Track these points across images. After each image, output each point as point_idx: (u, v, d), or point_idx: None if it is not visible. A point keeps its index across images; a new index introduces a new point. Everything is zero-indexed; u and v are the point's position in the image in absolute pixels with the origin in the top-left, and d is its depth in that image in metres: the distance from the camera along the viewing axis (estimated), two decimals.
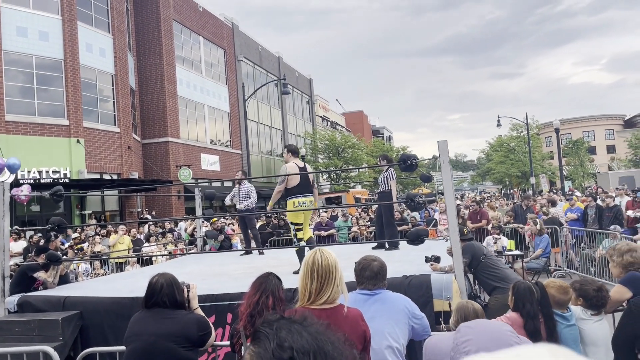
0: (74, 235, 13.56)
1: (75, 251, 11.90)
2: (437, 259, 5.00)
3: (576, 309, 3.70)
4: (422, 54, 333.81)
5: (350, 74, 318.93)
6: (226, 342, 3.57)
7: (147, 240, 13.24)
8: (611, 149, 64.77)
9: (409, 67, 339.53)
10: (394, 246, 7.74)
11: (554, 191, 29.53)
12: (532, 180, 35.80)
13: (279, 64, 38.00)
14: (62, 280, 6.52)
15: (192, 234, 13.02)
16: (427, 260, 5.05)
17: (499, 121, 36.69)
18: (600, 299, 3.66)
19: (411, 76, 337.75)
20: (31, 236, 12.72)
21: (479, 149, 73.76)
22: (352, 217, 15.26)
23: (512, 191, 47.07)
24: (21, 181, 14.23)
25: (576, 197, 16.82)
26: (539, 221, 11.10)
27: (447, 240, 6.35)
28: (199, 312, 3.60)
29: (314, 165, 33.91)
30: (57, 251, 7.32)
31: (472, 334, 2.56)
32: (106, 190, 18.44)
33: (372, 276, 3.15)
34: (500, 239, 10.33)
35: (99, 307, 5.04)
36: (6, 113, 16.75)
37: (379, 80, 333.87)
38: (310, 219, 9.11)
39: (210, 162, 27.18)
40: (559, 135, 28.29)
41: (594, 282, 3.83)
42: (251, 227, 9.58)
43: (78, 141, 18.40)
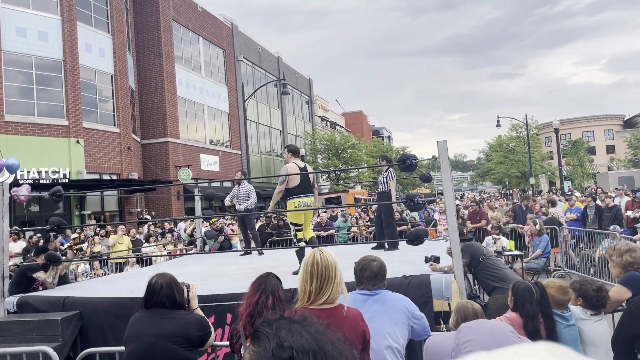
0: (73, 235, 13.56)
1: (75, 251, 11.90)
2: (436, 259, 5.01)
3: (576, 309, 3.70)
4: (421, 54, 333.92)
5: (349, 74, 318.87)
6: (226, 343, 3.57)
7: (146, 241, 13.24)
8: (611, 149, 64.82)
9: (408, 67, 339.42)
10: (393, 246, 7.75)
11: (554, 191, 29.56)
12: (532, 181, 35.81)
13: (278, 64, 38.00)
14: (62, 280, 6.52)
15: (191, 235, 13.02)
16: (427, 261, 5.05)
17: (498, 121, 36.69)
18: (599, 299, 3.66)
19: (411, 76, 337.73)
20: (30, 236, 12.71)
21: (479, 149, 73.66)
22: (352, 218, 15.26)
23: (511, 191, 47.01)
24: (20, 181, 14.21)
25: (576, 197, 16.82)
26: (538, 221, 11.11)
27: (446, 241, 6.36)
28: (198, 312, 3.59)
29: (313, 166, 33.88)
30: (56, 251, 7.31)
31: (473, 334, 2.56)
32: (106, 190, 18.45)
33: (371, 276, 3.15)
34: (499, 239, 10.33)
35: (98, 308, 5.04)
36: (5, 113, 16.75)
37: (378, 81, 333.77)
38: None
39: (209, 163, 27.18)
40: (559, 135, 28.31)
41: (594, 282, 3.83)
42: (250, 228, 9.57)
43: (77, 141, 18.39)
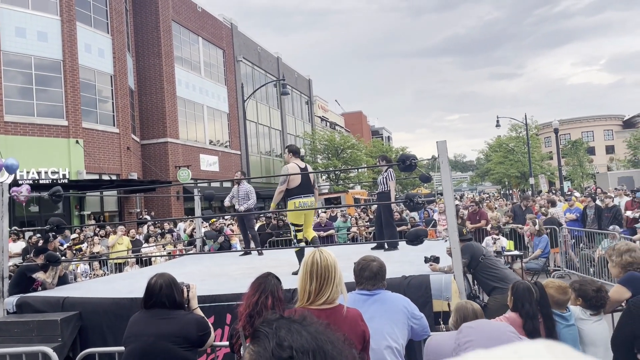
0: (72, 235, 13.55)
1: (74, 252, 11.90)
2: (436, 260, 5.01)
3: (575, 309, 3.70)
4: (421, 54, 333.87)
5: (349, 74, 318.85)
6: (225, 343, 3.57)
7: (146, 241, 13.23)
8: (610, 149, 64.86)
9: (408, 67, 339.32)
10: (393, 246, 7.75)
11: (553, 191, 29.58)
12: (531, 181, 35.79)
13: (278, 64, 37.99)
14: (61, 280, 6.51)
15: (191, 235, 13.01)
16: (427, 261, 5.05)
17: (498, 122, 36.66)
18: (599, 299, 3.66)
19: (410, 76, 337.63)
20: (30, 237, 12.70)
21: (478, 149, 73.14)
22: (352, 218, 15.27)
23: (511, 191, 47.03)
24: (20, 182, 14.20)
25: (575, 197, 16.81)
26: (538, 221, 11.11)
27: (446, 241, 6.36)
28: (198, 312, 3.59)
29: (313, 166, 33.84)
30: (55, 252, 7.31)
31: (474, 334, 2.56)
32: (105, 190, 18.45)
33: (371, 276, 3.15)
34: (499, 239, 10.33)
35: (98, 308, 5.04)
36: (5, 114, 16.75)
37: (378, 81, 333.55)
38: None
39: (209, 163, 27.18)
40: (558, 135, 28.33)
41: (593, 282, 3.84)
42: (250, 228, 9.57)
43: (77, 142, 18.39)
